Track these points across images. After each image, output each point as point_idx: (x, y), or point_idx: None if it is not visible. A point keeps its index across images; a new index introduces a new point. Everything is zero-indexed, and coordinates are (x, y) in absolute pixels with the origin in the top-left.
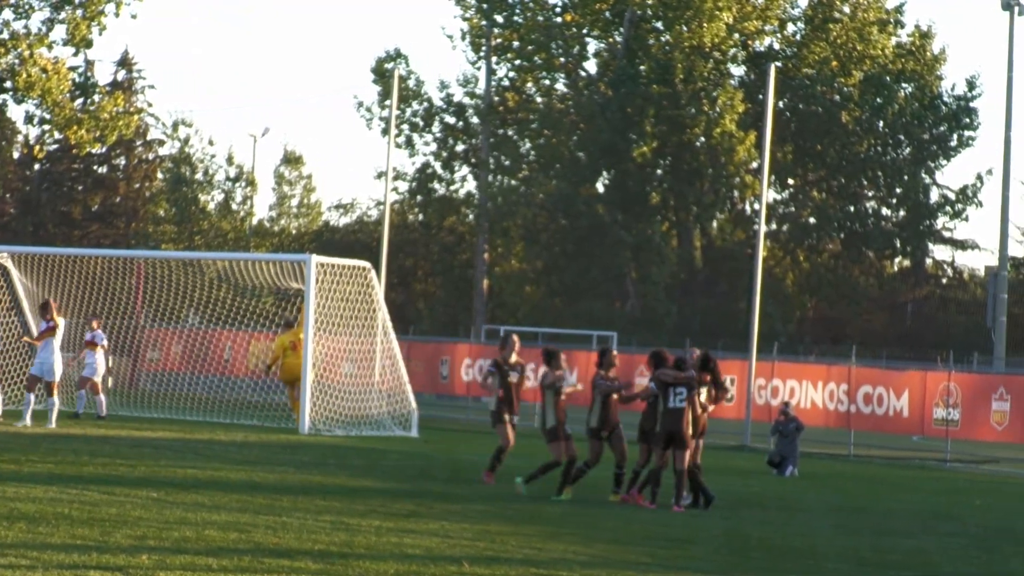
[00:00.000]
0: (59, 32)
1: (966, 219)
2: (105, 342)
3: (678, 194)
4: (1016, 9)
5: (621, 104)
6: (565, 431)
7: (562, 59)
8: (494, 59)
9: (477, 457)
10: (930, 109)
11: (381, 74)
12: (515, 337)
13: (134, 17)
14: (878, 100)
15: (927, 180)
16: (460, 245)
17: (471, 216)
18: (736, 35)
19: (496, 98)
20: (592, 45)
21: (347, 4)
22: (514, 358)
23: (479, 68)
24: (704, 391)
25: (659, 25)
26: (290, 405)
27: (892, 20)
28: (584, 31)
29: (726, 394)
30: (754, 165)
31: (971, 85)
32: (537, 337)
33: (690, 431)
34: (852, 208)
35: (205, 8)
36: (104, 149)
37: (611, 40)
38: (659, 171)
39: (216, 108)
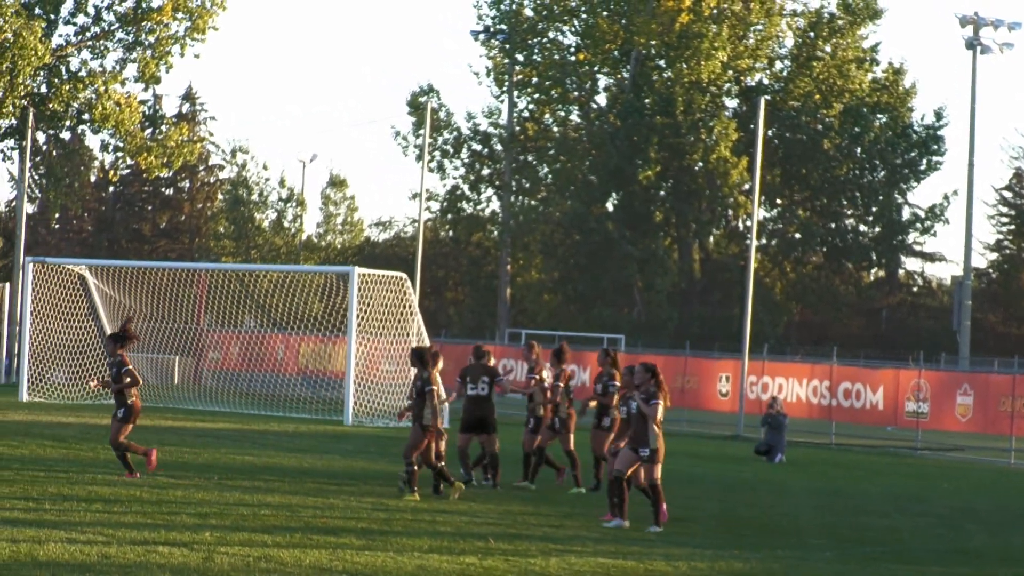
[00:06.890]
0: (131, 70)
1: (934, 234)
2: None
3: (679, 213)
4: (978, 48)
5: (628, 133)
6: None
7: (576, 93)
8: (515, 93)
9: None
10: (902, 137)
11: (416, 106)
12: None
13: (197, 57)
14: (856, 129)
15: (899, 200)
16: (486, 258)
17: (495, 232)
18: (730, 72)
19: (517, 128)
20: (602, 81)
21: (385, 45)
22: None
23: (502, 101)
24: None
25: (662, 63)
26: None
27: (868, 58)
28: (595, 68)
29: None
30: (746, 187)
31: (938, 116)
32: (554, 340)
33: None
34: (833, 225)
35: (262, 49)
36: (171, 173)
37: (619, 76)
38: (662, 192)
39: (270, 136)
